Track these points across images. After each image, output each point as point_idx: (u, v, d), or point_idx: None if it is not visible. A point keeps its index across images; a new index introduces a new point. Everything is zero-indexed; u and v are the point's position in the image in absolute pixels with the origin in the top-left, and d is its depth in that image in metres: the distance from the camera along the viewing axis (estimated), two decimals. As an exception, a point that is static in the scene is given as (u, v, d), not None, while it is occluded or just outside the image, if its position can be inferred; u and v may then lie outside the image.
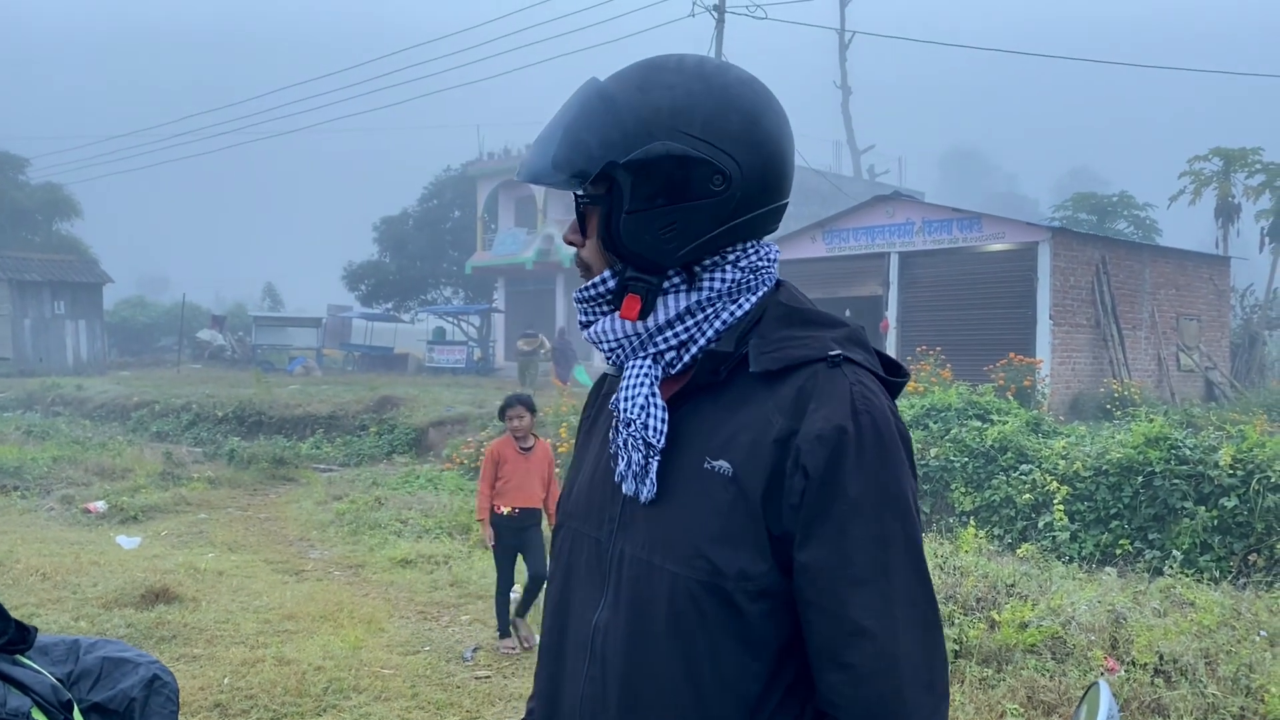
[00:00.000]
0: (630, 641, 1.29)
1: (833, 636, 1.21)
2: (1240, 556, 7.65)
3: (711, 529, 1.24)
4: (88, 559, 7.99)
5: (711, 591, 1.23)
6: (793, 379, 1.25)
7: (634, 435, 1.29)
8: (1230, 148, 24.29)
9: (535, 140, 1.35)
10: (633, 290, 1.31)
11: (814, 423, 1.21)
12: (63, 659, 1.66)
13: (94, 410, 21.42)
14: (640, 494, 1.30)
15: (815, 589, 1.21)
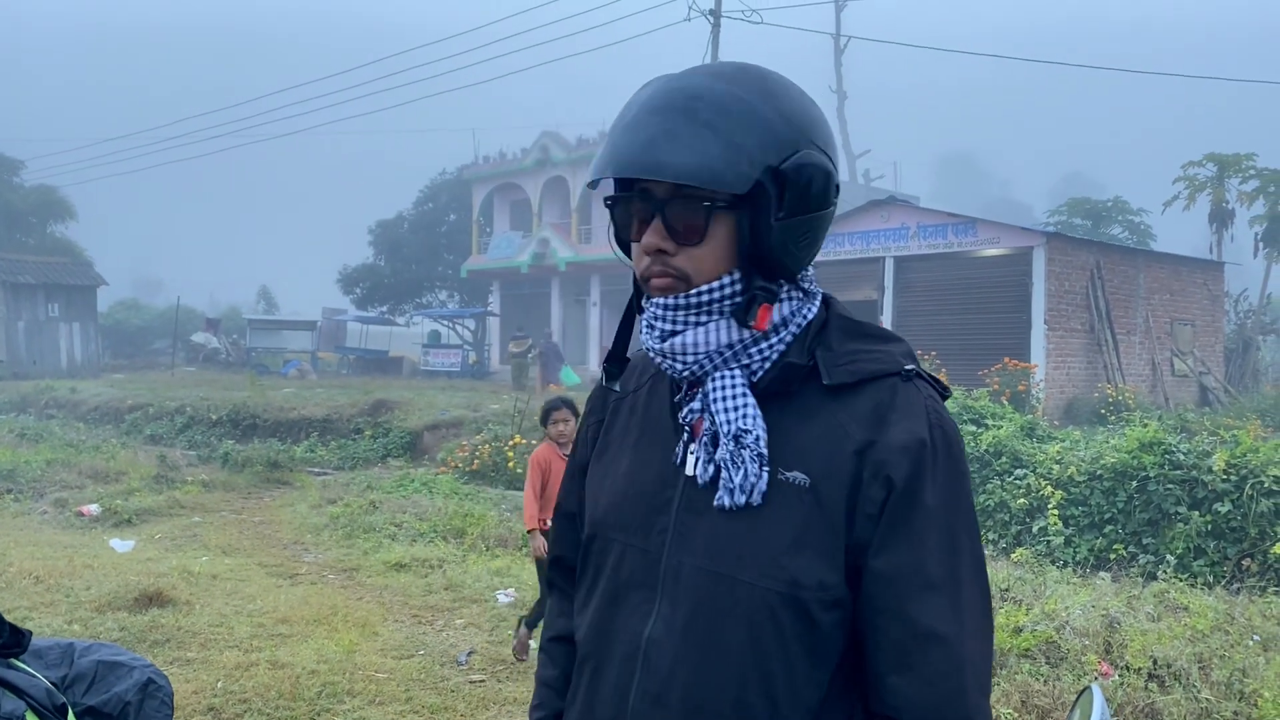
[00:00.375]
0: (698, 655, 1.27)
1: (903, 641, 1.24)
2: (1234, 561, 7.66)
3: (789, 540, 1.25)
4: (81, 562, 7.96)
5: (789, 603, 1.25)
6: (867, 392, 1.28)
7: (749, 449, 1.27)
8: (1224, 153, 24.38)
9: (650, 137, 1.24)
10: (764, 300, 1.30)
11: (896, 435, 1.25)
12: (57, 663, 1.66)
13: (88, 413, 21.37)
14: (735, 504, 1.27)
15: (889, 595, 1.24)
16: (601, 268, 31.27)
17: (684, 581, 1.29)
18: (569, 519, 1.57)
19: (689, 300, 1.29)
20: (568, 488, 1.59)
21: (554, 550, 1.62)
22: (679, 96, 1.26)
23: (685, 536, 1.30)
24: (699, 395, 1.33)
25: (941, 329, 19.14)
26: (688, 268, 1.29)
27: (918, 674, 1.23)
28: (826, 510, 1.25)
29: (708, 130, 1.24)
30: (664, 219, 1.28)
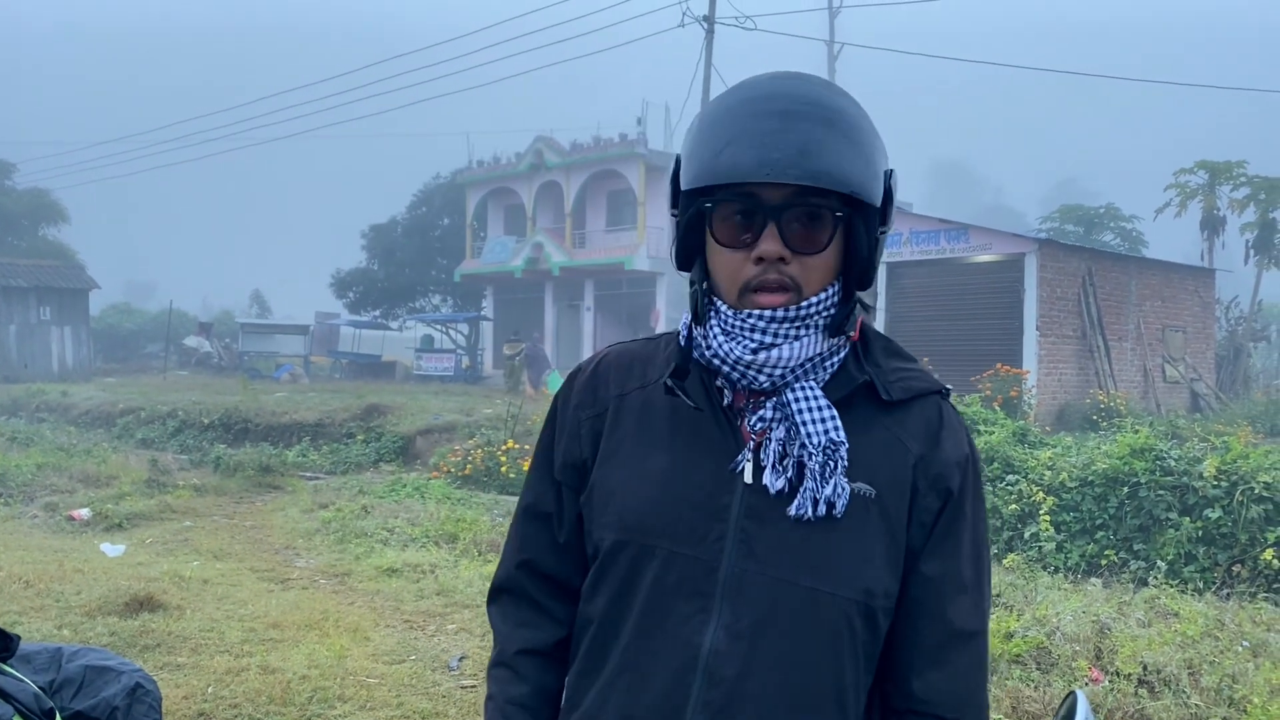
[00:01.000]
0: (771, 665, 1.27)
1: (938, 638, 1.34)
2: (1224, 567, 7.68)
3: (863, 550, 1.30)
4: (71, 566, 7.93)
5: (863, 612, 1.30)
6: (915, 408, 1.35)
7: (839, 461, 1.28)
8: (1216, 161, 24.49)
9: (803, 145, 1.23)
10: (861, 312, 1.33)
11: (948, 450, 1.34)
12: (45, 667, 1.66)
13: (79, 417, 21.30)
14: (817, 515, 1.28)
15: (932, 598, 1.34)
16: (595, 273, 31.29)
17: (751, 591, 1.28)
18: (543, 521, 1.47)
19: (799, 313, 1.28)
20: (540, 487, 1.48)
21: (523, 554, 1.49)
22: (811, 105, 1.27)
23: (750, 545, 1.28)
24: (769, 405, 1.31)
25: (934, 335, 19.18)
26: (801, 278, 1.28)
27: (949, 670, 1.34)
28: (891, 520, 1.31)
29: (847, 142, 1.26)
30: (783, 226, 1.26)
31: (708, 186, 1.27)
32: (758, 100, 1.27)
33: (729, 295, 1.30)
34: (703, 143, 1.28)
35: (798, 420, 1.28)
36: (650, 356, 1.44)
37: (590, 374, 1.46)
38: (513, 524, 1.53)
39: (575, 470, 1.43)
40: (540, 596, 1.46)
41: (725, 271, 1.30)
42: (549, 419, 1.49)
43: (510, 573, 1.49)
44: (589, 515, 1.40)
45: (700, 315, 1.33)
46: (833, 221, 1.27)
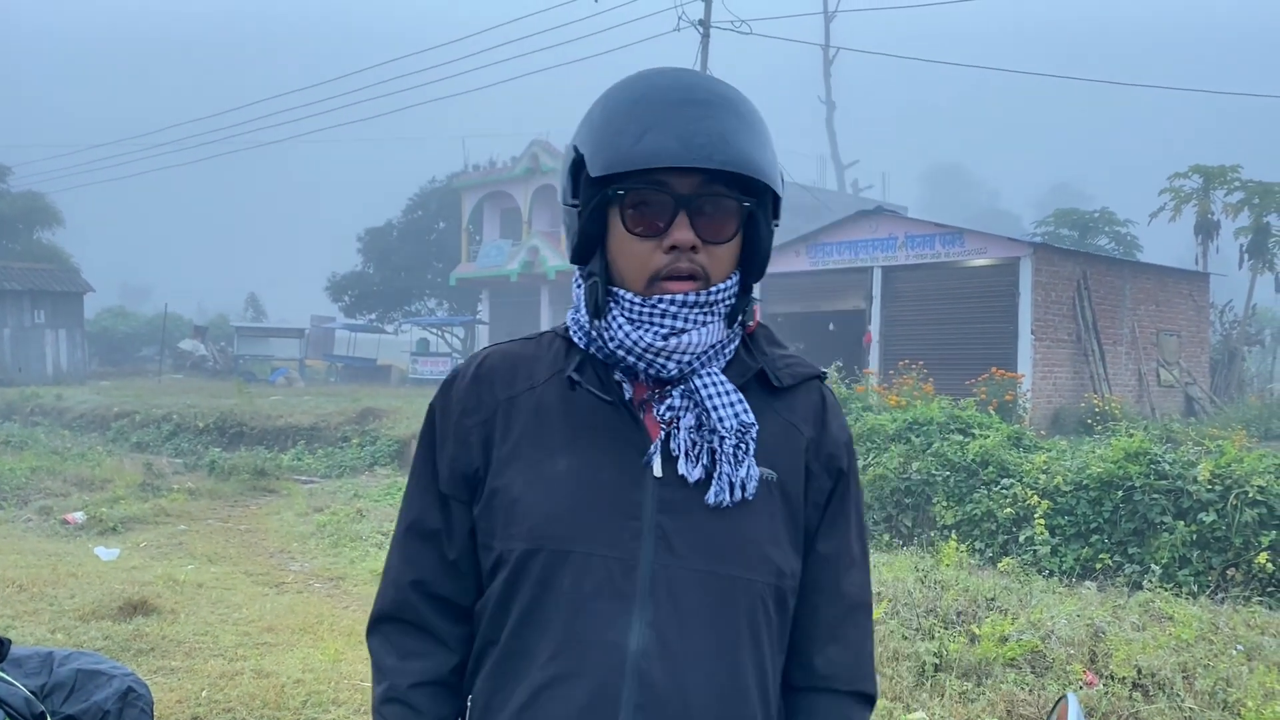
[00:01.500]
0: (701, 659, 1.26)
1: (836, 614, 1.38)
2: (1218, 571, 7.70)
3: (770, 533, 1.31)
4: (65, 570, 7.92)
5: (775, 594, 1.32)
6: (801, 392, 1.38)
7: (749, 442, 1.29)
8: (1210, 165, 24.52)
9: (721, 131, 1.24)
10: (754, 302, 1.36)
11: (835, 431, 1.39)
12: (36, 671, 1.65)
13: (73, 420, 21.26)
14: (733, 500, 1.28)
15: (828, 575, 1.37)
16: (590, 276, 31.22)
17: (672, 586, 1.26)
18: (429, 539, 1.38)
19: (708, 298, 1.28)
20: (423, 502, 1.40)
21: (410, 575, 1.39)
22: (719, 96, 1.28)
23: (667, 539, 1.26)
24: (676, 393, 1.31)
25: (929, 339, 19.20)
26: (709, 266, 1.29)
27: (845, 643, 1.38)
28: (791, 503, 1.34)
29: (755, 133, 1.28)
30: (695, 215, 1.27)
31: (615, 176, 1.25)
32: (669, 89, 1.28)
33: (636, 284, 1.29)
34: (616, 131, 1.25)
35: (708, 405, 1.28)
36: (534, 356, 1.40)
37: (472, 378, 1.39)
38: (393, 546, 1.44)
39: (465, 481, 1.36)
40: (432, 621, 1.38)
41: (634, 260, 1.29)
42: (426, 430, 1.42)
43: (396, 598, 1.40)
44: (487, 527, 1.33)
45: (600, 307, 1.30)
46: (740, 212, 1.29)
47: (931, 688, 5.04)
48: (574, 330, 1.39)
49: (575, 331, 1.38)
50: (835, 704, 1.37)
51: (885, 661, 5.28)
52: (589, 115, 1.33)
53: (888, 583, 6.65)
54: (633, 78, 1.34)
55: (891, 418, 11.35)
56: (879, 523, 10.10)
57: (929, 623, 5.68)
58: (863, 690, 1.39)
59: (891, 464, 10.20)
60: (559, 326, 1.44)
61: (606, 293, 1.31)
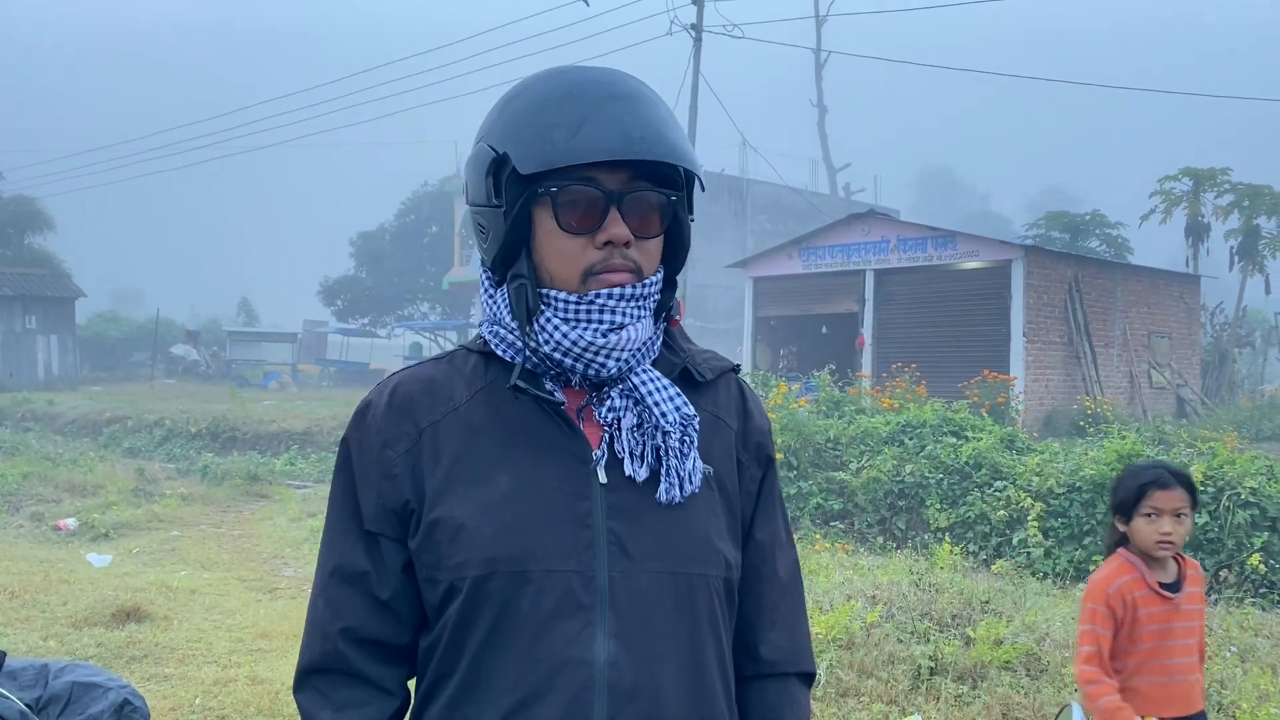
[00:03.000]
0: (668, 660, 1.25)
1: (773, 598, 1.39)
2: (1211, 573, 7.71)
3: (716, 527, 1.31)
4: (57, 577, 7.89)
5: (726, 586, 1.33)
6: (719, 385, 1.39)
7: (693, 434, 1.29)
8: (1200, 168, 24.63)
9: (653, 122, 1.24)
10: (675, 297, 1.35)
11: (756, 420, 1.41)
12: (31, 684, 1.64)
13: (65, 426, 21.18)
14: (683, 495, 1.28)
15: (763, 559, 1.39)
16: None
17: (635, 592, 1.24)
18: (357, 582, 1.31)
19: (642, 291, 1.27)
20: (345, 545, 1.33)
21: (339, 623, 1.31)
22: (640, 91, 1.28)
23: (622, 545, 1.24)
24: (615, 393, 1.29)
25: (921, 341, 19.24)
26: (641, 261, 1.27)
27: (785, 626, 1.40)
28: (728, 494, 1.35)
29: (677, 125, 1.28)
30: (626, 210, 1.25)
31: (545, 173, 1.22)
32: (590, 85, 1.26)
33: (568, 283, 1.26)
34: (547, 126, 1.22)
35: (649, 401, 1.27)
36: (449, 377, 1.34)
37: (387, 408, 1.31)
38: (316, 594, 1.35)
39: (395, 516, 1.29)
40: (366, 667, 1.31)
41: (565, 259, 1.25)
42: (342, 467, 1.35)
43: (327, 649, 1.31)
44: (431, 558, 1.26)
45: (532, 311, 1.26)
46: (667, 207, 1.28)
47: (927, 691, 5.05)
48: (495, 343, 1.32)
49: (498, 344, 1.32)
50: (782, 688, 1.39)
51: (881, 665, 5.28)
52: (505, 112, 1.28)
53: (882, 586, 6.65)
54: (543, 76, 1.30)
55: (885, 420, 11.37)
56: (872, 525, 10.11)
57: (924, 626, 5.69)
58: (804, 670, 1.42)
59: (885, 467, 10.21)
60: (470, 343, 1.38)
61: (536, 297, 1.27)
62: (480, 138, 1.30)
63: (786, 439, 10.97)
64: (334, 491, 1.36)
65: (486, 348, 1.34)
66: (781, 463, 10.88)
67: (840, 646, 5.48)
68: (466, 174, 1.33)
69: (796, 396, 12.73)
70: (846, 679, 5.15)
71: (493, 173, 1.26)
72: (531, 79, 1.31)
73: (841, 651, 5.43)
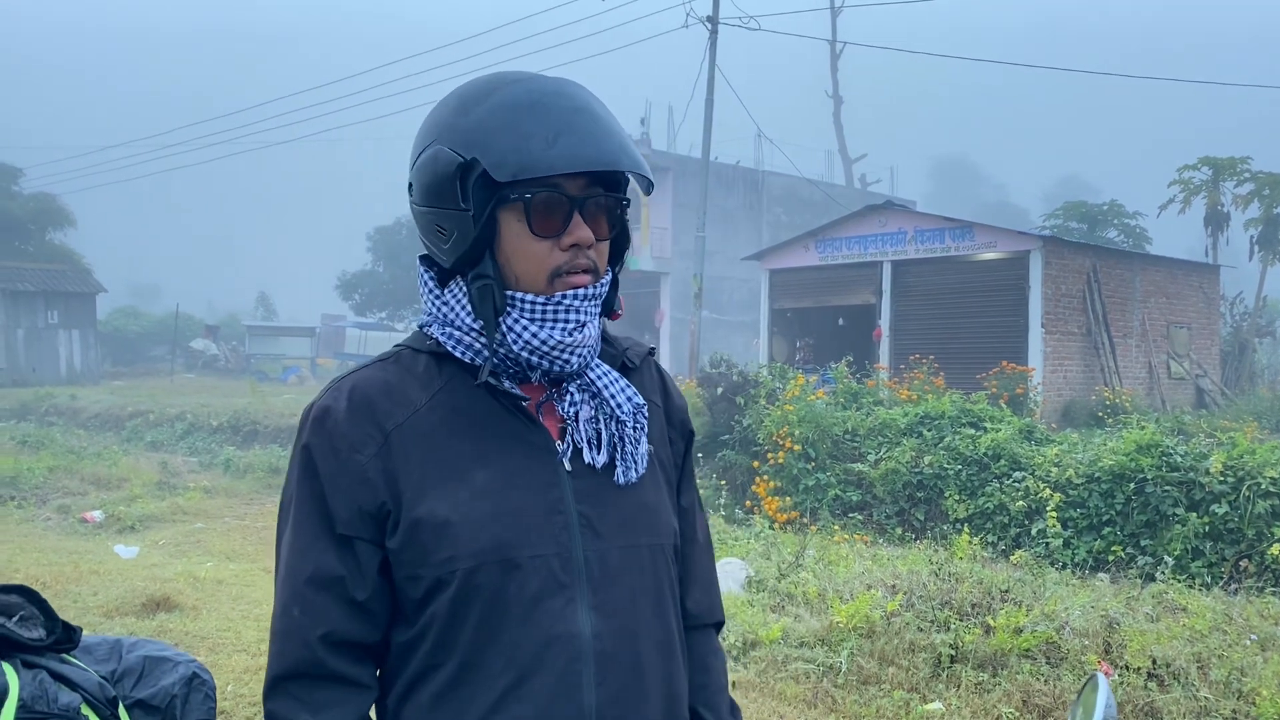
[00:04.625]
0: (643, 625, 1.37)
1: (695, 557, 1.53)
2: (1231, 562, 7.73)
3: (662, 500, 1.44)
4: (87, 568, 8.01)
5: (672, 553, 1.45)
6: (644, 368, 1.50)
7: (643, 420, 1.41)
8: (1219, 157, 24.45)
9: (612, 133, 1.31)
10: (617, 293, 1.43)
11: (675, 399, 1.53)
12: (106, 658, 1.72)
13: (88, 420, 21.39)
14: (638, 475, 1.39)
15: (688, 524, 1.52)
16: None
17: (607, 566, 1.34)
18: (333, 586, 1.31)
19: (599, 291, 1.36)
20: (317, 550, 1.33)
21: (319, 629, 1.31)
22: (593, 102, 1.35)
23: (591, 525, 1.34)
24: (573, 387, 1.38)
25: (939, 333, 19.21)
26: (599, 262, 1.37)
27: (704, 583, 1.54)
28: (665, 468, 1.47)
29: (620, 134, 1.34)
30: (586, 214, 1.33)
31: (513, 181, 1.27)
32: (556, 96, 1.31)
33: (535, 284, 1.32)
34: (522, 136, 1.26)
35: (605, 394, 1.38)
36: (403, 379, 1.36)
37: (346, 413, 1.33)
38: (288, 602, 1.34)
39: (370, 519, 1.31)
40: (343, 668, 1.32)
41: (532, 261, 1.32)
42: (306, 474, 1.34)
43: (303, 655, 1.31)
44: (415, 556, 1.29)
45: (499, 311, 1.32)
46: (620, 209, 1.38)
47: (948, 679, 5.10)
48: (450, 344, 1.37)
49: (454, 346, 1.36)
50: (705, 637, 1.55)
51: (901, 653, 5.33)
52: (467, 118, 1.31)
53: (902, 575, 6.70)
54: (501, 83, 1.34)
55: (903, 412, 11.39)
56: (891, 517, 10.15)
57: (944, 615, 5.73)
58: (719, 620, 1.58)
59: (903, 458, 10.24)
60: (412, 342, 1.41)
61: (503, 297, 1.32)
62: (432, 139, 1.33)
63: (804, 431, 11.01)
64: (298, 499, 1.35)
65: (438, 348, 1.38)
66: (799, 454, 10.92)
67: (861, 635, 5.54)
68: (420, 175, 1.35)
69: (814, 389, 12.75)
70: (868, 667, 5.21)
71: (459, 176, 1.30)
72: (487, 85, 1.34)
73: (862, 640, 5.49)
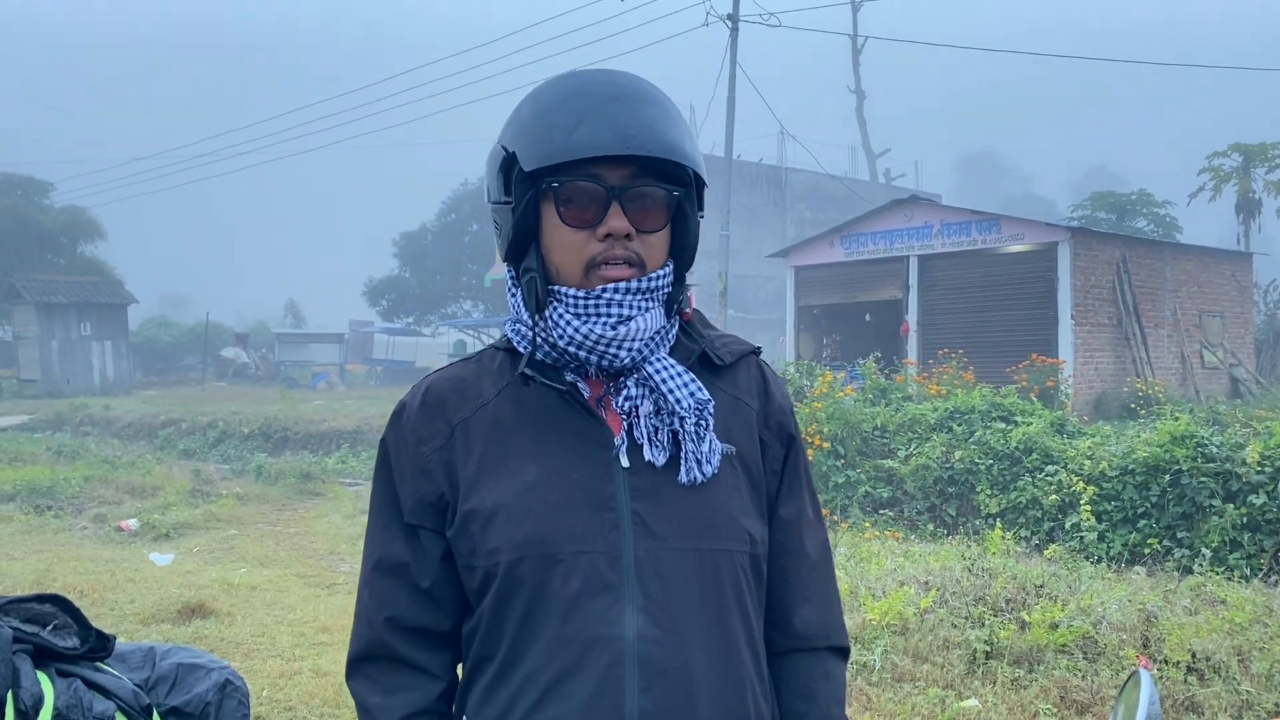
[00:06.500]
0: (697, 633, 1.29)
1: (803, 575, 1.43)
2: (1270, 554, 7.61)
3: (739, 504, 1.36)
4: (123, 576, 8.09)
5: (752, 561, 1.37)
6: (741, 368, 1.43)
7: (709, 417, 1.33)
8: (1249, 143, 24.16)
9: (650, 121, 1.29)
10: (687, 290, 1.39)
11: (780, 400, 1.45)
12: (140, 665, 1.74)
13: (122, 429, 21.64)
14: (703, 476, 1.33)
15: (793, 538, 1.43)
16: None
17: (661, 569, 1.29)
18: (399, 572, 1.38)
19: (648, 284, 1.32)
20: (386, 538, 1.40)
21: (384, 612, 1.38)
22: (643, 91, 1.33)
23: (646, 525, 1.30)
24: (630, 382, 1.34)
25: (968, 326, 19.08)
26: (644, 254, 1.32)
27: (817, 601, 1.44)
28: (751, 473, 1.39)
29: (678, 124, 1.33)
30: (627, 205, 1.29)
31: (549, 169, 1.28)
32: (593, 86, 1.32)
33: (573, 276, 1.32)
34: (548, 127, 1.29)
35: (664, 389, 1.32)
36: (478, 375, 1.41)
37: (420, 407, 1.39)
38: (361, 586, 1.43)
39: (432, 508, 1.36)
40: (412, 653, 1.38)
41: (569, 251, 1.31)
42: (381, 465, 1.43)
43: (373, 638, 1.39)
44: (469, 546, 1.32)
45: (541, 302, 1.32)
46: (670, 201, 1.33)
47: (983, 675, 5.05)
48: (516, 340, 1.39)
49: (519, 341, 1.38)
50: (815, 661, 1.43)
51: (936, 650, 5.29)
52: (517, 115, 1.36)
53: (935, 572, 6.64)
54: (559, 78, 1.37)
55: (932, 407, 11.31)
56: (922, 512, 10.07)
57: (978, 611, 5.68)
58: (837, 644, 1.46)
59: (934, 453, 10.17)
60: (499, 341, 1.44)
61: (546, 290, 1.33)
62: (499, 139, 1.38)
63: (833, 428, 10.96)
64: (375, 489, 1.43)
65: (511, 344, 1.41)
66: (829, 451, 10.87)
67: (894, 632, 5.50)
68: (486, 173, 1.42)
69: (841, 385, 12.69)
70: (902, 664, 5.17)
71: (504, 170, 1.34)
72: (546, 82, 1.38)
73: (896, 637, 5.45)
